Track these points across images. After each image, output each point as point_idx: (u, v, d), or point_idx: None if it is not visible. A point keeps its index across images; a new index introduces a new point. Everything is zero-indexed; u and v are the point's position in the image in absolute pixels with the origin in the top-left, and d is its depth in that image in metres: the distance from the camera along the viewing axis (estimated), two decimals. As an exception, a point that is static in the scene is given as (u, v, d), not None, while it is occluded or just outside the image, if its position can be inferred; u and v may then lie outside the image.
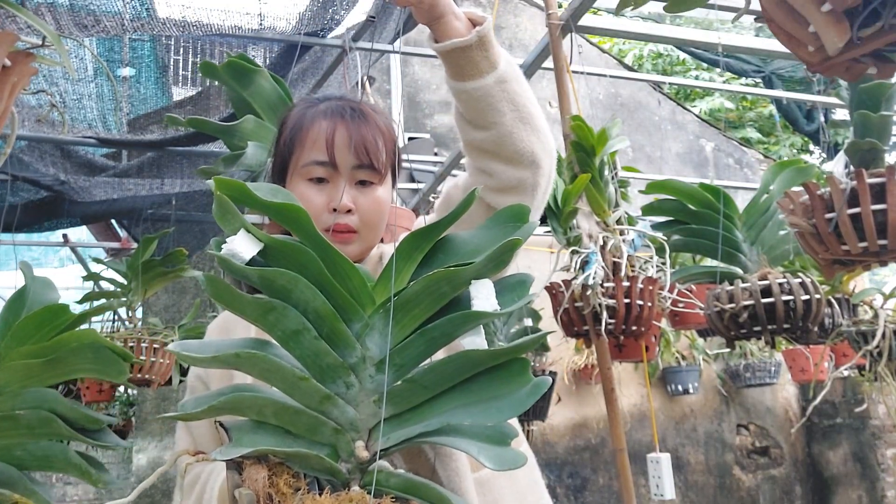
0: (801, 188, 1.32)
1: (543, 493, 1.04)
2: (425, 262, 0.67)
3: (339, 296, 0.62)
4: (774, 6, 0.67)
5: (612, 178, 1.88)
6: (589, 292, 1.71)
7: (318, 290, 0.61)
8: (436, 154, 4.49)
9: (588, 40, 5.10)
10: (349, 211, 0.98)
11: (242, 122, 1.50)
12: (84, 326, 1.16)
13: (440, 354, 0.69)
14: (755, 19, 2.50)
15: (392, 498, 0.58)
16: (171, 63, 3.37)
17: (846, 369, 4.09)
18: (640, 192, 2.03)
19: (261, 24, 2.29)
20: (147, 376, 2.50)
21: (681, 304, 2.13)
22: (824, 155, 6.18)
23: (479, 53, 0.89)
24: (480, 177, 0.96)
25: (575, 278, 1.74)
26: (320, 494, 0.58)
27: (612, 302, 1.70)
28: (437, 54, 0.91)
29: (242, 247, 0.60)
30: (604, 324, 1.69)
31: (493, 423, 0.60)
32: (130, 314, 2.65)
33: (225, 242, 0.61)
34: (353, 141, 0.98)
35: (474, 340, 0.62)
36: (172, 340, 2.57)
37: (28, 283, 1.25)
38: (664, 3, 0.83)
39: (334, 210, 0.97)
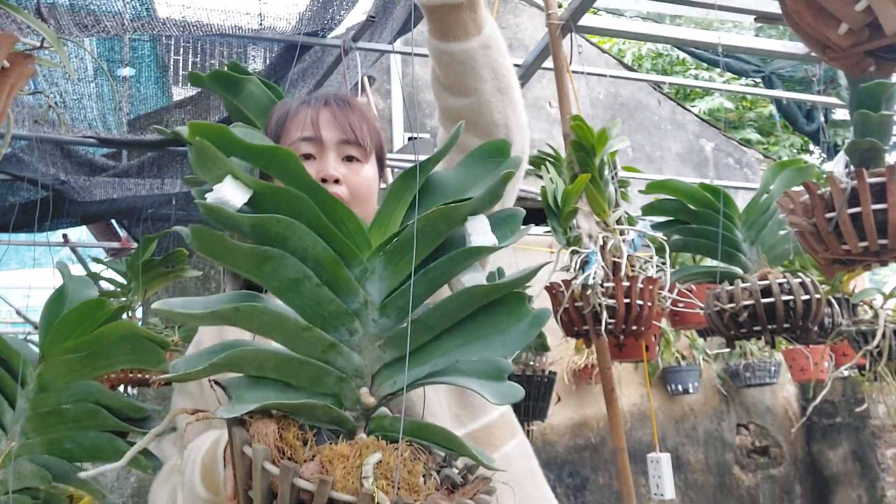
0: (801, 188, 1.32)
1: (542, 483, 1.04)
2: (415, 202, 0.66)
3: (336, 240, 0.60)
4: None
5: (612, 178, 1.88)
6: (589, 292, 1.71)
7: (317, 235, 0.58)
8: (436, 154, 4.48)
9: (588, 40, 5.10)
10: (337, 182, 0.98)
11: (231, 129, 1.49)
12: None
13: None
14: (755, 19, 2.50)
15: (406, 441, 0.57)
16: (171, 63, 3.37)
17: (846, 369, 4.09)
18: (640, 192, 2.03)
19: (261, 24, 2.29)
20: (147, 376, 2.51)
21: (681, 304, 2.13)
22: (824, 155, 6.18)
23: (468, 14, 0.88)
24: (455, 153, 0.94)
25: (575, 278, 1.74)
26: (331, 444, 0.57)
27: (612, 302, 1.70)
28: (423, 9, 0.89)
29: (231, 194, 0.57)
30: (604, 324, 1.69)
31: (500, 356, 0.59)
32: (130, 314, 2.65)
33: (210, 191, 0.58)
34: (337, 119, 1.00)
35: (474, 277, 0.61)
36: (173, 340, 2.57)
37: (66, 282, 1.27)
38: None
39: (323, 181, 0.97)
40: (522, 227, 0.65)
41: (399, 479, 0.53)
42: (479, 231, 0.61)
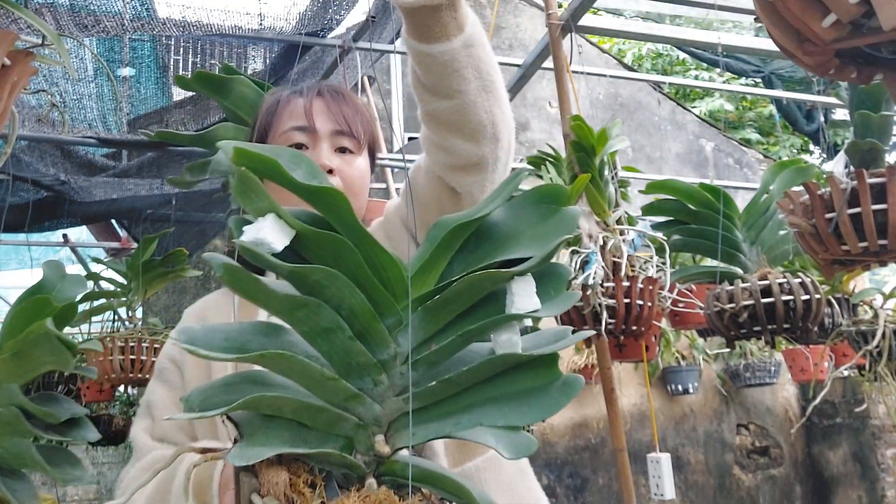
0: (801, 188, 1.32)
1: (532, 483, 1.03)
2: (461, 248, 0.62)
3: (375, 291, 0.57)
4: None
5: (612, 178, 1.88)
6: (589, 292, 1.71)
7: (356, 287, 0.55)
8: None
9: (588, 40, 5.10)
10: (331, 172, 0.96)
11: (218, 129, 1.48)
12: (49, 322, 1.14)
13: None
14: (755, 19, 2.50)
15: (418, 496, 0.55)
16: (171, 63, 3.37)
17: (846, 369, 4.09)
18: (640, 192, 2.03)
19: (261, 24, 2.29)
20: (147, 376, 2.50)
21: (681, 304, 2.13)
22: (824, 155, 6.18)
23: (448, 14, 0.82)
24: (439, 154, 0.91)
25: (575, 278, 1.74)
26: (340, 489, 0.55)
27: (612, 302, 1.70)
28: (400, 11, 0.84)
29: (272, 235, 0.53)
30: (604, 324, 1.69)
31: (527, 422, 0.56)
32: (130, 314, 2.65)
33: (247, 223, 0.55)
34: (331, 109, 0.98)
35: (510, 339, 0.58)
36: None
37: (50, 279, 1.24)
38: None
39: None
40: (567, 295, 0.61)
41: None
42: (522, 293, 0.57)
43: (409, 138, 4.51)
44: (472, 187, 0.91)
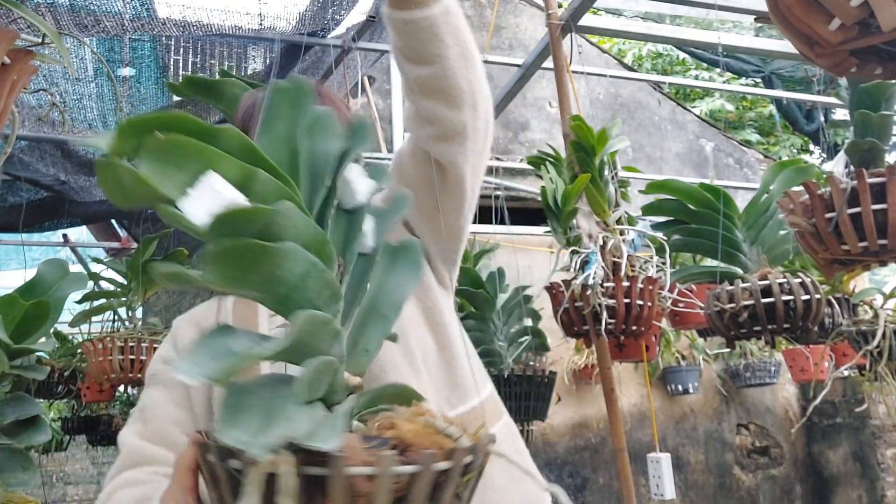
0: (801, 188, 1.32)
1: (530, 463, 1.03)
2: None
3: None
4: None
5: (612, 178, 1.88)
6: (589, 292, 1.71)
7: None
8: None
9: (588, 40, 5.10)
10: None
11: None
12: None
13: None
14: (755, 19, 2.50)
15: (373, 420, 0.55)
16: (171, 63, 3.37)
17: (846, 369, 4.10)
18: (640, 192, 2.03)
19: (261, 24, 2.29)
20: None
21: (681, 304, 2.13)
22: (824, 155, 6.18)
23: None
24: (424, 127, 0.94)
25: (575, 278, 1.74)
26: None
27: (612, 302, 1.70)
28: None
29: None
30: (604, 324, 1.69)
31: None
32: (130, 314, 2.65)
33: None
34: None
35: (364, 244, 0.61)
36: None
37: (49, 278, 1.23)
38: None
39: None
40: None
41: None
42: (357, 179, 0.59)
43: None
44: (455, 157, 0.93)
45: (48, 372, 2.40)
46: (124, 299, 2.63)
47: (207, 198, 0.46)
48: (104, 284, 2.67)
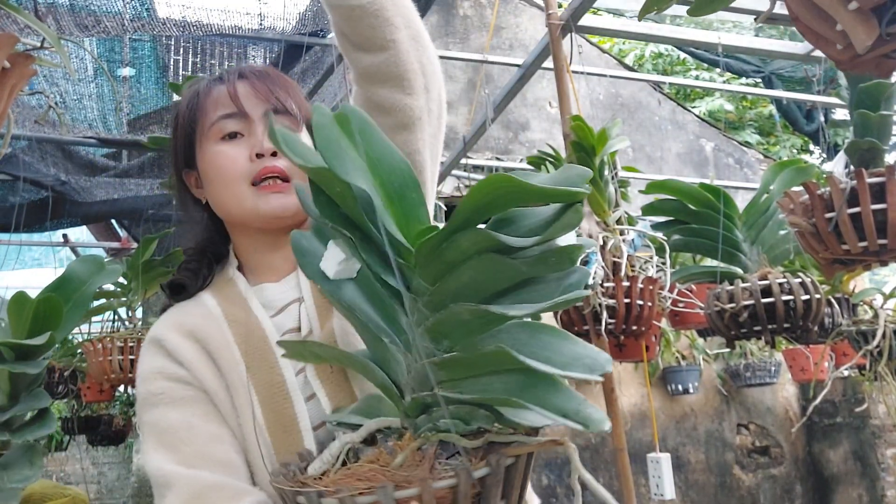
0: (801, 188, 1.32)
1: None
2: None
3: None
4: (801, 6, 0.66)
5: (612, 178, 1.88)
6: (589, 292, 1.71)
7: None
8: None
9: (588, 40, 5.10)
10: (275, 154, 0.88)
11: None
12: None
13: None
14: (755, 19, 2.50)
15: None
16: (171, 63, 3.37)
17: (846, 369, 4.10)
18: (640, 192, 2.03)
19: (261, 24, 2.29)
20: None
21: (681, 304, 2.13)
22: (824, 155, 6.18)
23: None
24: (377, 118, 0.86)
25: (575, 278, 1.74)
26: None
27: (612, 302, 1.70)
28: None
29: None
30: (604, 324, 1.69)
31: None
32: (130, 314, 2.65)
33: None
34: (258, 90, 0.91)
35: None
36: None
37: (78, 273, 1.22)
38: (688, 7, 0.82)
39: (258, 156, 0.87)
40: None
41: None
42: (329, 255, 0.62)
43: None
44: (416, 144, 0.88)
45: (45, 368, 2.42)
46: (124, 299, 2.63)
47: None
48: (104, 284, 2.67)
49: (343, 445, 0.60)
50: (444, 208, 3.74)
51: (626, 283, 1.72)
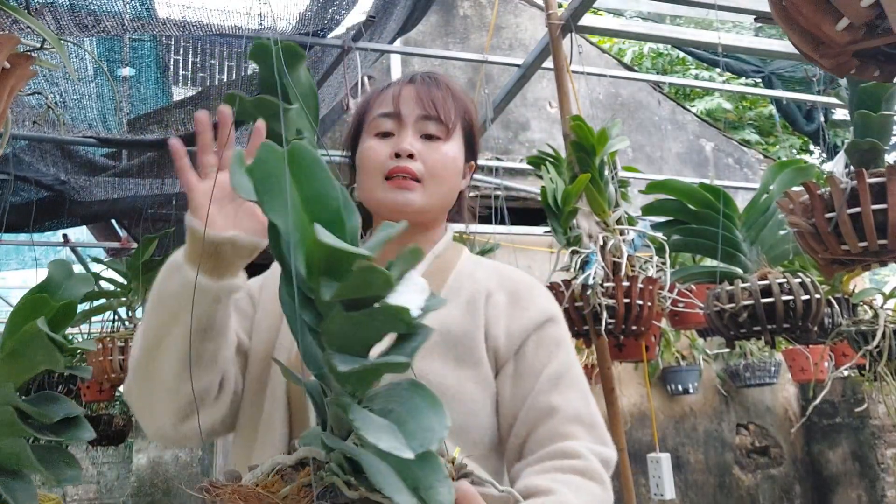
0: (801, 188, 1.32)
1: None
2: None
3: None
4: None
5: (612, 178, 1.88)
6: (589, 292, 1.71)
7: None
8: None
9: (588, 40, 5.10)
10: (412, 157, 0.95)
11: (292, 109, 1.45)
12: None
13: None
14: (755, 19, 2.50)
15: None
16: (171, 63, 3.37)
17: (846, 369, 4.09)
18: (640, 192, 2.03)
19: (261, 24, 2.29)
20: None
21: (681, 304, 2.13)
22: (824, 155, 6.18)
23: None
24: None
25: (575, 278, 1.74)
26: None
27: (612, 302, 1.70)
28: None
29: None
30: (604, 324, 1.69)
31: None
32: (130, 314, 2.65)
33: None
34: (419, 94, 0.98)
35: None
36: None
37: (56, 278, 1.24)
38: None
39: (396, 156, 0.95)
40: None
41: None
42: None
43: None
44: None
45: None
46: (124, 299, 2.63)
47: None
48: (104, 284, 2.67)
49: (273, 465, 0.62)
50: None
51: (626, 284, 1.72)
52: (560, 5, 2.23)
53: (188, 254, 0.81)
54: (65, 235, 4.06)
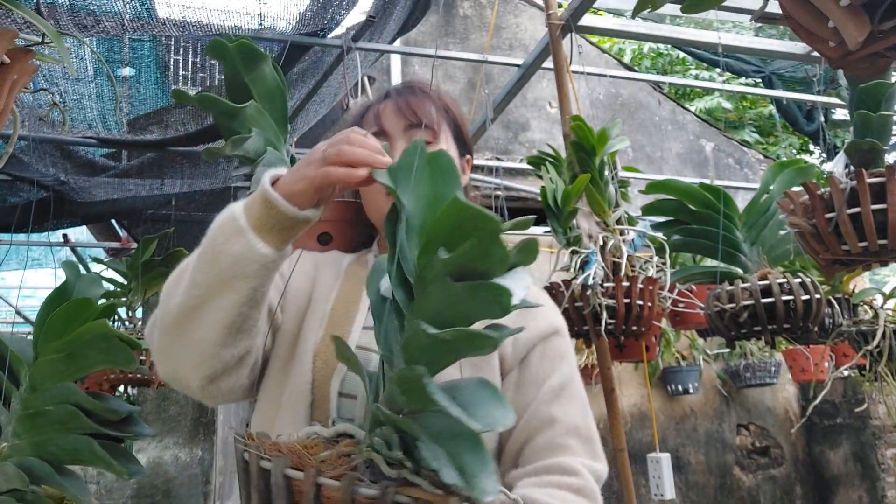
0: (801, 188, 1.32)
1: None
2: None
3: None
4: (794, 4, 0.67)
5: (612, 178, 1.88)
6: (589, 292, 1.71)
7: None
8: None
9: (588, 40, 5.10)
10: None
11: (246, 108, 1.46)
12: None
13: None
14: (751, 18, 2.50)
15: None
16: (171, 63, 3.37)
17: (846, 369, 4.09)
18: (640, 192, 2.03)
19: (261, 25, 2.29)
20: (147, 376, 2.50)
21: (681, 304, 2.13)
22: (824, 155, 6.18)
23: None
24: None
25: (575, 278, 1.74)
26: None
27: (612, 302, 1.70)
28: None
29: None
30: (604, 324, 1.69)
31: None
32: (130, 314, 2.65)
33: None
34: (398, 106, 1.00)
35: None
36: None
37: (70, 280, 1.27)
38: (681, 5, 0.82)
39: None
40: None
41: None
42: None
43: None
44: None
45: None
46: (124, 299, 2.63)
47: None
48: (104, 284, 2.67)
49: (309, 434, 0.65)
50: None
51: (626, 284, 1.71)
52: (560, 5, 2.23)
53: (256, 222, 0.77)
54: (65, 235, 4.05)
